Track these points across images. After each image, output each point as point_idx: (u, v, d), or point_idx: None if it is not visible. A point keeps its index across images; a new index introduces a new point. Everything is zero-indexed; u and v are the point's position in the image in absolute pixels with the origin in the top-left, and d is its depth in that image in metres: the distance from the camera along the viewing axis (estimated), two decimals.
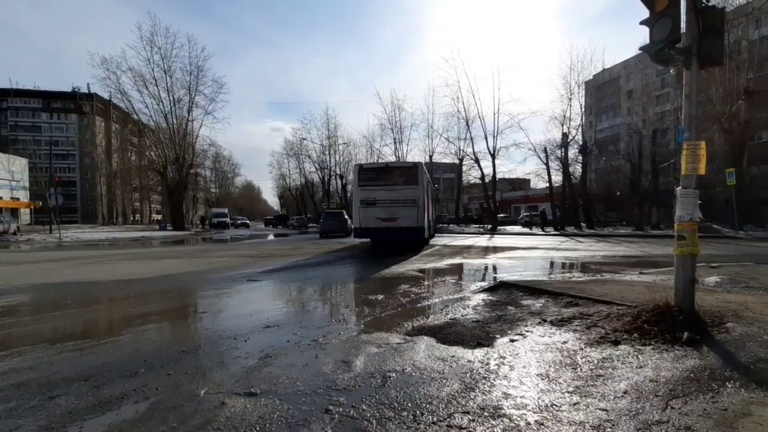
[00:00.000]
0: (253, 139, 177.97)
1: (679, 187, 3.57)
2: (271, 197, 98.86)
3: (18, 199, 52.75)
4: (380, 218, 13.49)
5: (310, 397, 2.41)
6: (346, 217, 24.18)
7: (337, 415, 2.17)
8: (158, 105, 33.50)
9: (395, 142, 40.66)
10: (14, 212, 47.83)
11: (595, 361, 2.89)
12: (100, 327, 4.45)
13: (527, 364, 2.89)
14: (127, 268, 9.61)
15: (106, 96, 37.20)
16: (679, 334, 3.23)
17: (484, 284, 6.44)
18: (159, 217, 68.54)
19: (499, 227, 31.82)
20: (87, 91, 63.19)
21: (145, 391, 2.52)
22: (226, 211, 52.50)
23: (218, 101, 35.25)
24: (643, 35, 3.63)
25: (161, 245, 18.74)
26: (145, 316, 4.74)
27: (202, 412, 2.23)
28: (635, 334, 3.37)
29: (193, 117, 35.10)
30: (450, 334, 3.69)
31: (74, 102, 72.31)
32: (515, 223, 41.74)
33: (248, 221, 59.63)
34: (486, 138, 31.23)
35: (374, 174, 14.28)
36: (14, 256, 13.58)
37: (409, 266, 9.09)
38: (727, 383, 2.47)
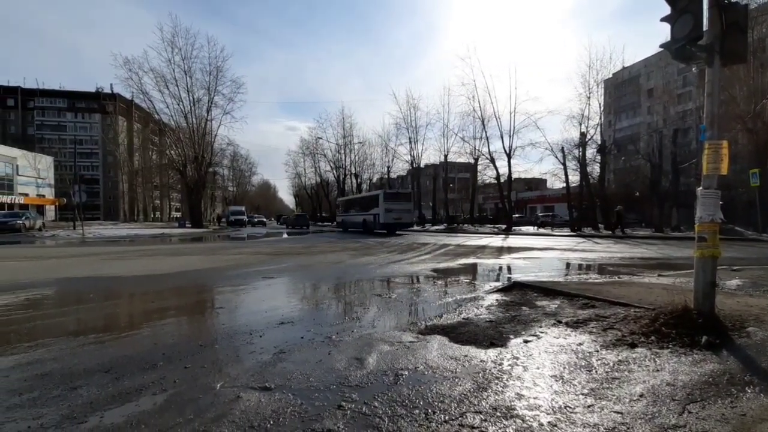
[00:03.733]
0: (268, 138, 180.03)
1: (701, 188, 3.48)
2: (286, 196, 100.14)
3: (44, 196, 54.60)
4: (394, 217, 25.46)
5: (323, 393, 2.44)
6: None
7: (349, 411, 2.19)
8: (178, 105, 34.26)
9: (410, 142, 40.79)
10: (40, 209, 49.55)
11: (611, 364, 2.85)
12: (120, 321, 4.59)
13: (541, 365, 2.87)
14: (147, 264, 9.85)
15: (128, 96, 38.39)
16: (697, 338, 3.16)
17: (498, 284, 6.40)
18: (178, 214, 69.91)
19: (514, 227, 31.47)
20: (110, 91, 64.92)
21: (163, 384, 2.59)
22: (243, 209, 52.77)
23: (236, 101, 35.83)
24: (665, 32, 3.56)
25: (180, 242, 19.15)
26: (164, 310, 4.86)
27: (218, 405, 2.28)
28: (653, 337, 3.31)
29: (212, 116, 35.76)
30: (463, 333, 3.68)
31: (98, 102, 74.35)
32: (531, 224, 41.23)
33: (265, 219, 59.30)
34: (502, 137, 31.01)
35: (394, 195, 26.79)
36: (40, 251, 14.06)
37: (423, 266, 9.08)
38: (746, 388, 2.41)
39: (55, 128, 78.23)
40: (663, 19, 3.60)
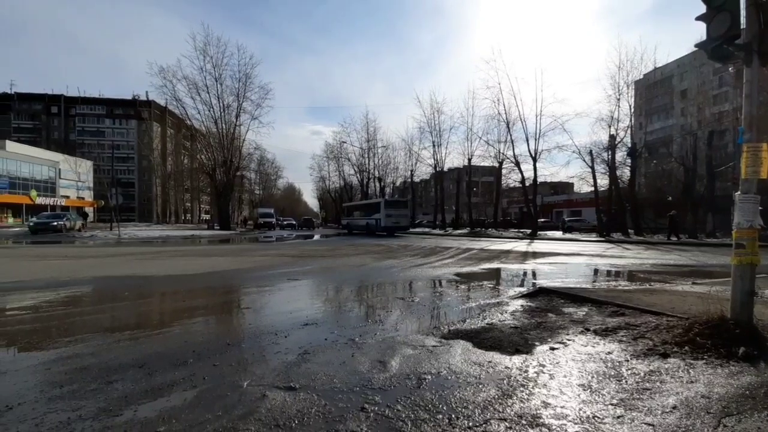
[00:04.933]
0: (292, 142, 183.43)
1: (738, 192, 3.34)
2: (310, 199, 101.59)
3: (83, 198, 57.49)
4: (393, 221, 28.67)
5: (346, 394, 2.47)
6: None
7: (372, 414, 2.21)
8: (209, 111, 35.40)
9: (434, 146, 40.68)
10: (80, 210, 52.13)
11: (642, 374, 2.76)
12: (152, 318, 4.77)
13: (568, 373, 2.81)
14: (178, 264, 10.19)
15: (162, 103, 40.06)
16: (734, 349, 3.01)
17: (523, 290, 6.29)
18: (207, 216, 71.93)
19: (539, 232, 30.80)
20: (146, 98, 67.66)
21: (192, 380, 2.68)
22: (272, 211, 50.88)
23: (264, 106, 36.77)
24: (699, 31, 3.44)
25: (209, 244, 19.70)
26: (194, 309, 5.03)
27: (245, 403, 2.34)
28: (686, 348, 3.18)
29: (240, 122, 36.78)
30: (487, 339, 3.64)
31: (134, 108, 77.79)
32: (557, 228, 40.25)
33: (294, 222, 54.72)
34: (527, 140, 30.44)
35: (393, 203, 30.44)
36: (79, 250, 14.77)
37: (446, 269, 9.02)
38: None
39: (95, 134, 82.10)
40: (698, 18, 3.48)
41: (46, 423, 2.09)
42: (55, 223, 24.92)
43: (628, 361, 3.03)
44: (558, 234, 32.03)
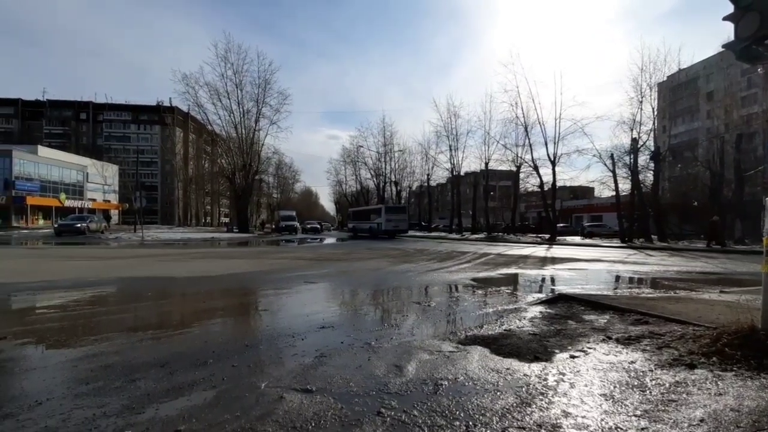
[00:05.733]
0: (309, 147, 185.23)
1: None
2: (327, 203, 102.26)
3: (109, 201, 59.37)
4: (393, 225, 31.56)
5: (362, 398, 2.47)
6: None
7: (388, 419, 2.20)
8: (229, 116, 36.25)
9: (450, 150, 40.55)
10: (105, 213, 53.85)
11: (667, 385, 2.67)
12: (174, 318, 4.87)
13: (589, 382, 2.74)
14: (199, 266, 10.40)
15: (185, 108, 41.32)
16: (765, 361, 2.89)
17: (542, 296, 6.18)
18: (226, 219, 73.25)
19: (558, 237, 30.25)
20: (169, 104, 69.66)
21: (212, 380, 2.73)
22: (294, 213, 46.47)
23: (282, 111, 37.35)
24: (726, 32, 3.34)
25: (228, 246, 20.06)
26: (213, 310, 5.12)
27: (263, 404, 2.37)
28: (714, 358, 3.06)
29: (259, 127, 37.51)
30: (504, 345, 3.59)
31: (158, 114, 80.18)
32: (576, 234, 39.43)
33: (318, 225, 46.58)
34: (546, 144, 30.04)
35: (393, 209, 33.58)
36: (105, 251, 15.25)
37: (462, 274, 8.95)
38: None
39: (121, 139, 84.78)
40: (725, 18, 3.38)
41: (73, 419, 2.16)
42: (78, 225, 25.75)
43: (652, 371, 2.94)
44: (578, 239, 31.40)
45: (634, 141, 27.13)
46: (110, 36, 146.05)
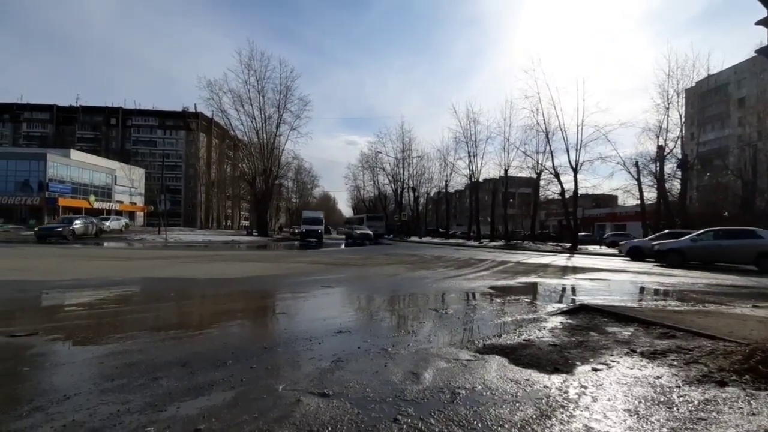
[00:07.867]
0: (327, 152, 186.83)
1: None
2: (345, 208, 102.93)
3: (135, 203, 61.32)
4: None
5: (379, 404, 2.46)
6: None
7: (405, 426, 2.18)
8: (251, 122, 36.92)
9: (469, 156, 40.33)
10: (132, 215, 55.49)
11: (696, 402, 2.56)
12: (194, 319, 4.98)
13: (612, 396, 2.66)
14: (219, 268, 10.61)
15: (209, 114, 42.59)
16: None
17: (563, 306, 6.04)
18: (246, 223, 74.49)
19: (579, 246, 29.56)
20: (194, 110, 71.54)
21: (231, 381, 2.76)
22: (321, 215, 38.47)
23: (302, 117, 37.85)
24: (759, 36, 3.23)
25: (247, 249, 20.39)
26: (232, 312, 5.21)
27: (280, 407, 2.38)
28: (746, 376, 2.92)
29: (280, 132, 38.04)
30: (524, 355, 3.52)
31: (183, 120, 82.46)
32: (598, 243, 38.45)
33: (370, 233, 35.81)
34: (568, 151, 29.47)
35: (373, 216, 47.23)
36: (130, 252, 15.73)
37: (480, 282, 8.84)
38: None
39: (147, 143, 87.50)
40: (758, 23, 3.28)
41: (98, 414, 2.22)
42: (60, 229, 23.96)
43: (679, 387, 2.83)
44: (600, 249, 30.60)
45: (660, 148, 26.42)
46: (140, 45, 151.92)
